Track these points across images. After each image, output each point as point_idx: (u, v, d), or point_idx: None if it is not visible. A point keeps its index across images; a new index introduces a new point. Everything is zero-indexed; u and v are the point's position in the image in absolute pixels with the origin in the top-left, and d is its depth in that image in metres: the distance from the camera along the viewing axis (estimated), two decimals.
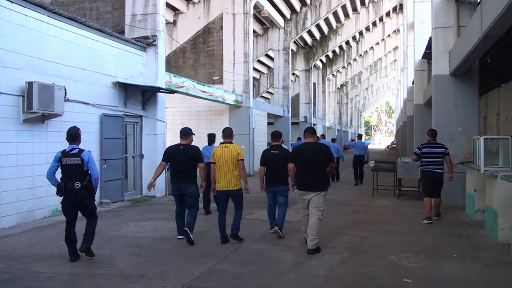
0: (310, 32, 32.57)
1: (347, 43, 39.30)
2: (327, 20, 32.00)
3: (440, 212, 9.19)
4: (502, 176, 7.00)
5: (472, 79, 10.71)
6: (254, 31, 26.64)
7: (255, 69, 33.43)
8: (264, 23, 28.34)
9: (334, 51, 39.33)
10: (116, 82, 11.42)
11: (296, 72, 37.65)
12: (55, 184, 6.14)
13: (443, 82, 10.95)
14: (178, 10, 21.28)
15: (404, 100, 30.08)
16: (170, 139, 18.43)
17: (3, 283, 5.30)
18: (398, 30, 38.97)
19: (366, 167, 15.82)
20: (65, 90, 9.35)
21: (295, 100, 35.88)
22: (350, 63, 45.77)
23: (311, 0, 27.95)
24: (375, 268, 5.81)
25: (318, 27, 32.54)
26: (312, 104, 36.77)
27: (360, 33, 38.15)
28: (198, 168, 7.31)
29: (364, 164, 16.01)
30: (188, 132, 7.43)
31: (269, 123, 25.86)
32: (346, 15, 33.73)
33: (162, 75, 12.97)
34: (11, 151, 8.52)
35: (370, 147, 42.28)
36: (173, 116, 19.91)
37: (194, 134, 7.71)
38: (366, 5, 33.20)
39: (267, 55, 33.05)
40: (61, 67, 9.62)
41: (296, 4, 27.61)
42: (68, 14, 9.93)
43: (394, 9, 35.93)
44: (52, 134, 9.38)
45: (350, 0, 30.77)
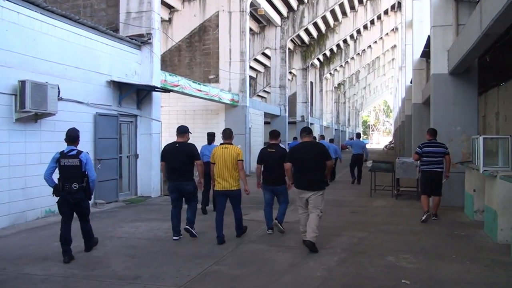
0: (307, 31, 32.58)
1: (345, 41, 39.34)
2: (324, 18, 32.02)
3: (437, 214, 9.23)
4: (502, 176, 7.02)
5: (471, 78, 10.73)
6: (251, 29, 26.64)
7: (251, 67, 33.45)
8: (261, 21, 28.35)
9: (331, 50, 39.36)
10: (111, 81, 11.40)
11: (293, 71, 37.65)
12: (52, 185, 6.27)
13: (442, 81, 10.97)
14: (173, 7, 21.25)
15: (402, 99, 30.14)
16: (165, 139, 18.41)
17: None
18: (397, 29, 39.02)
19: (364, 167, 15.84)
20: (58, 88, 9.32)
21: (292, 99, 35.87)
22: (347, 62, 45.79)
23: None
24: (373, 269, 5.81)
25: (316, 25, 32.56)
26: (309, 103, 36.76)
27: (358, 31, 38.18)
28: (196, 165, 7.45)
29: (364, 162, 16.02)
30: (185, 130, 7.58)
31: (265, 123, 25.86)
32: (344, 13, 33.78)
33: (157, 74, 12.95)
34: (3, 151, 8.49)
35: (368, 146, 42.32)
36: (168, 116, 19.88)
37: (191, 133, 7.85)
38: (364, 3, 33.24)
39: (264, 54, 33.08)
40: (54, 66, 9.59)
41: (293, 2, 27.64)
42: (61, 11, 9.91)
43: (392, 7, 35.97)
44: (45, 134, 9.36)
45: None
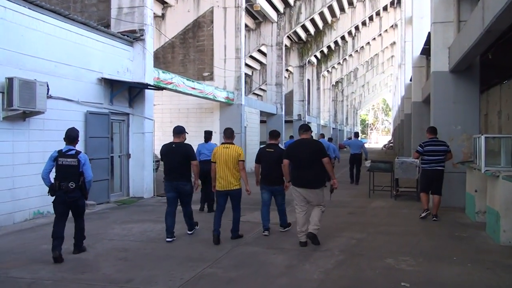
0: (304, 27, 32.61)
1: (343, 38, 39.40)
2: (322, 14, 32.05)
3: (437, 215, 9.25)
4: (504, 176, 7.04)
5: (473, 75, 10.74)
6: (246, 26, 26.61)
7: (247, 65, 33.42)
8: (257, 17, 28.32)
9: (329, 47, 39.41)
10: (102, 78, 11.34)
11: (289, 68, 37.67)
12: (48, 184, 6.39)
13: (442, 79, 10.98)
14: (166, 3, 21.19)
15: (402, 98, 30.21)
16: (158, 138, 18.41)
17: None
18: (396, 25, 39.12)
19: (362, 167, 15.84)
20: (47, 86, 9.26)
21: (289, 97, 35.89)
22: (345, 59, 45.88)
23: None
24: (372, 272, 5.81)
25: (313, 21, 32.57)
26: (306, 102, 36.81)
27: (356, 28, 38.26)
28: (191, 165, 7.60)
29: (365, 161, 16.04)
30: (181, 130, 7.74)
31: (261, 121, 25.85)
32: (342, 9, 33.81)
33: (150, 71, 12.90)
34: None
35: (366, 146, 42.37)
36: (161, 114, 19.84)
37: (188, 133, 8.04)
38: None
39: (260, 51, 33.04)
40: (43, 62, 9.53)
41: None
42: (50, 6, 9.84)
43: (392, 3, 36.07)
44: (33, 133, 9.30)
45: None
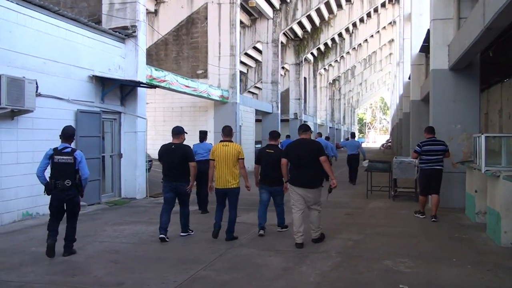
0: (300, 24, 32.61)
1: (340, 35, 39.42)
2: (318, 10, 32.05)
3: (437, 215, 9.28)
4: (505, 176, 7.06)
5: (473, 74, 10.76)
6: (241, 22, 26.60)
7: (242, 62, 33.43)
8: (252, 13, 28.31)
9: (326, 44, 39.41)
10: (93, 76, 11.29)
11: (285, 66, 37.69)
12: (43, 183, 6.49)
13: (441, 77, 10.99)
14: None
15: (400, 96, 30.29)
16: (151, 137, 18.36)
17: None
18: (394, 22, 39.20)
19: (360, 167, 15.86)
20: (36, 84, 9.22)
21: (285, 95, 35.89)
22: (343, 56, 45.95)
23: None
24: (369, 274, 5.81)
25: (309, 18, 32.58)
26: (303, 100, 36.83)
27: (354, 24, 38.29)
28: (190, 167, 7.72)
29: (362, 161, 16.09)
30: (180, 131, 7.92)
31: (257, 120, 25.84)
32: (339, 6, 33.82)
33: (142, 69, 12.86)
34: None
35: (363, 145, 42.46)
36: (154, 113, 19.82)
37: (187, 133, 8.17)
38: None
39: (255, 48, 33.05)
40: (32, 59, 9.47)
41: None
42: (39, 2, 9.75)
43: None
44: (22, 132, 9.25)
45: None
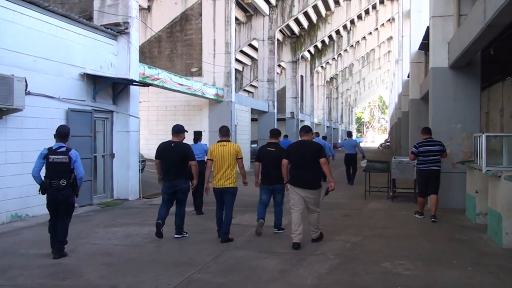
0: (297, 20, 32.61)
1: (338, 32, 39.45)
2: (315, 7, 32.07)
3: (436, 216, 9.31)
4: (506, 176, 7.08)
5: (473, 72, 10.79)
6: (237, 19, 26.58)
7: (237, 60, 33.40)
8: (247, 10, 28.30)
9: (323, 41, 39.46)
10: (84, 74, 11.26)
11: (282, 63, 37.70)
12: (39, 182, 6.60)
13: (441, 75, 11.02)
14: None
15: (399, 95, 30.35)
16: (144, 137, 18.32)
17: None
18: (393, 19, 39.27)
19: (358, 167, 15.89)
20: (26, 82, 9.18)
21: (281, 94, 35.92)
22: (340, 54, 45.98)
23: None
24: (368, 277, 5.82)
25: (306, 15, 32.60)
26: (300, 99, 36.86)
27: (352, 21, 38.32)
28: (191, 166, 7.86)
29: (362, 161, 16.14)
30: (180, 130, 7.97)
31: (253, 119, 25.86)
32: (337, 2, 33.87)
33: (135, 66, 12.84)
34: None
35: (361, 145, 42.51)
36: (147, 112, 19.81)
37: (187, 131, 8.27)
38: None
39: (251, 45, 33.01)
40: (21, 57, 9.44)
41: None
42: None
43: None
44: (11, 131, 9.22)
45: None
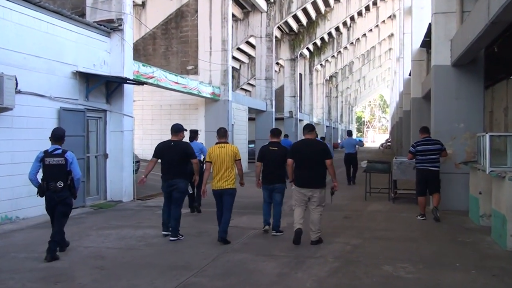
0: (296, 17, 32.62)
1: (337, 29, 39.51)
2: (314, 3, 32.11)
3: (438, 208, 9.50)
4: (511, 177, 7.07)
5: (477, 70, 10.80)
6: (234, 15, 26.57)
7: (234, 58, 33.39)
8: (245, 6, 28.29)
9: (322, 39, 39.51)
10: (76, 72, 11.25)
11: (280, 61, 37.67)
12: (36, 185, 6.78)
13: (443, 73, 11.03)
14: None
15: (400, 94, 30.37)
16: (138, 137, 18.29)
17: None
18: (394, 16, 39.33)
19: (358, 168, 15.94)
20: (16, 80, 9.15)
21: (279, 93, 35.93)
22: (340, 52, 46.02)
23: None
24: (368, 280, 5.81)
25: (305, 11, 32.62)
26: (298, 98, 36.87)
27: (352, 18, 38.38)
28: (192, 164, 8.12)
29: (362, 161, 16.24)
30: (179, 129, 8.19)
31: (250, 119, 25.83)
32: None
33: (129, 64, 12.82)
34: None
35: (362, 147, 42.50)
36: (142, 111, 19.77)
37: (186, 130, 8.48)
38: None
39: (248, 43, 33.01)
40: (11, 54, 9.41)
41: None
42: None
43: None
44: (0, 131, 9.20)
45: None
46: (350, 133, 19.37)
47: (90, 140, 12.15)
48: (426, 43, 15.89)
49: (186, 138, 9.87)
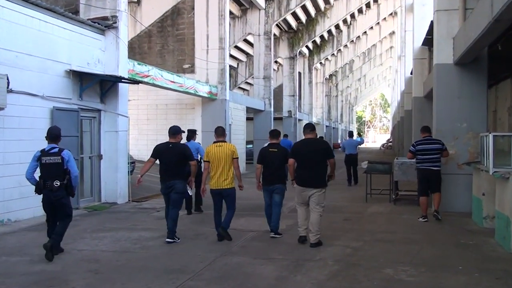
0: (295, 14, 32.61)
1: (337, 27, 39.51)
2: (314, 0, 32.12)
3: (439, 211, 9.54)
4: None
5: (480, 68, 10.80)
6: (231, 13, 26.56)
7: (232, 56, 33.36)
8: (242, 3, 28.27)
9: (322, 37, 39.49)
10: (70, 71, 11.24)
11: (279, 60, 37.69)
12: (34, 184, 6.95)
13: (446, 72, 11.03)
14: None
15: (402, 93, 30.38)
16: (133, 137, 18.29)
17: None
18: (395, 13, 39.32)
19: (359, 168, 15.96)
20: (7, 79, 9.16)
21: (278, 92, 35.89)
22: (340, 50, 46.01)
23: None
24: (369, 284, 5.82)
25: (304, 8, 32.61)
26: (297, 97, 36.83)
27: (352, 15, 38.39)
28: (190, 165, 8.21)
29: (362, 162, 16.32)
30: (177, 131, 8.28)
31: (248, 119, 25.78)
32: None
33: (124, 63, 12.81)
34: None
35: (362, 146, 42.68)
36: (137, 110, 19.74)
37: (184, 132, 8.66)
38: None
39: (246, 41, 33.01)
40: (2, 53, 9.40)
41: None
42: None
43: None
44: None
45: None
46: (351, 134, 19.59)
47: (84, 140, 12.14)
48: (428, 41, 15.88)
49: (184, 139, 9.93)
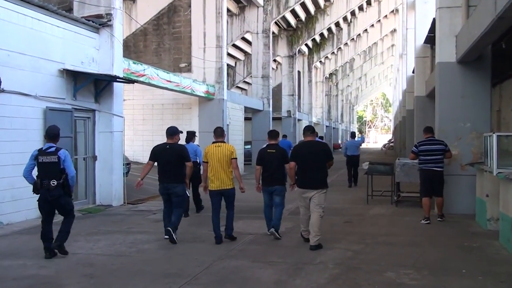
0: (294, 12, 32.66)
1: (337, 25, 39.56)
2: None
3: (443, 214, 9.62)
4: None
5: (483, 67, 10.81)
6: (229, 10, 26.57)
7: (229, 55, 33.38)
8: (240, 0, 28.30)
9: (321, 35, 39.54)
10: (63, 70, 11.23)
11: (277, 58, 37.73)
12: (31, 182, 7.10)
13: (448, 70, 11.04)
14: None
15: (403, 92, 30.41)
16: (129, 138, 18.28)
17: None
18: (397, 10, 39.36)
19: (360, 169, 16.00)
20: None
21: (277, 91, 35.93)
22: (340, 48, 46.10)
23: None
24: (370, 287, 5.81)
25: (303, 6, 32.65)
26: (297, 96, 36.87)
27: (352, 13, 38.44)
28: (186, 167, 8.34)
29: (363, 163, 16.37)
30: (175, 131, 8.44)
31: (246, 118, 25.79)
32: None
33: (119, 62, 12.81)
34: None
35: (363, 146, 42.71)
36: (132, 110, 19.74)
37: (181, 132, 8.77)
38: None
39: (244, 39, 33.05)
40: None
41: None
42: None
43: None
44: None
45: None
46: (353, 134, 19.85)
47: (78, 141, 12.14)
48: (430, 39, 15.90)
49: (182, 140, 9.95)
